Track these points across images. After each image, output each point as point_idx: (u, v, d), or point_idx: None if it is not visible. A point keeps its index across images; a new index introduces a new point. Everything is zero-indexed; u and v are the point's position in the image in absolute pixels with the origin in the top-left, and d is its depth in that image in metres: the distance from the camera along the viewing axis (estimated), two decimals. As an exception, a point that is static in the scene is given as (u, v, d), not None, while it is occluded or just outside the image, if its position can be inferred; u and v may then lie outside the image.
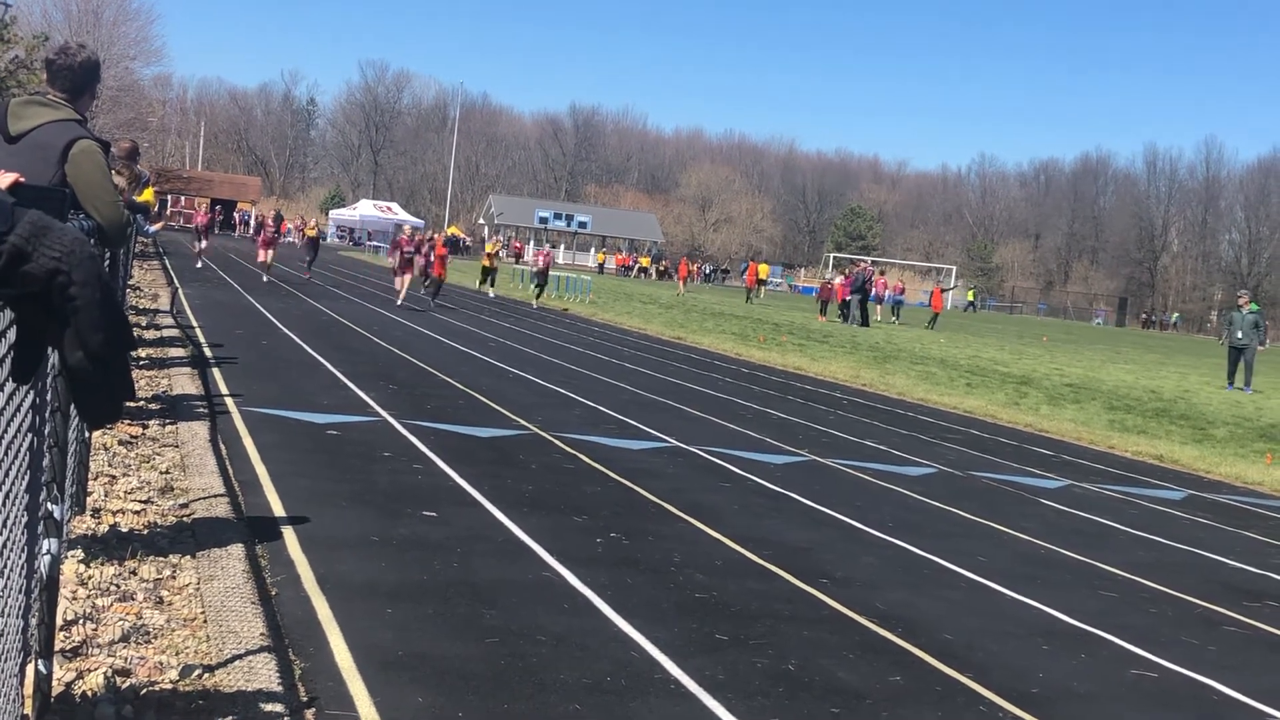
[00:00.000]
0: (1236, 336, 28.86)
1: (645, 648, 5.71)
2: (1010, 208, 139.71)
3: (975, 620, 6.95)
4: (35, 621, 4.00)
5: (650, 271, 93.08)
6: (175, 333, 16.79)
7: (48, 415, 3.97)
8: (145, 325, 17.00)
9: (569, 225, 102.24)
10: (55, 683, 4.29)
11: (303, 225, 51.39)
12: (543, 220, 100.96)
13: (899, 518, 9.72)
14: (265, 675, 4.76)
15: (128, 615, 5.28)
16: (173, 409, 10.56)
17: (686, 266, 70.58)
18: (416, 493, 8.52)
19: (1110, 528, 10.54)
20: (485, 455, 10.32)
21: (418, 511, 7.93)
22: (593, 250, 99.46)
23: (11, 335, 2.94)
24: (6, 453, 3.16)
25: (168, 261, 35.98)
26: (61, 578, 4.66)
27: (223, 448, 9.21)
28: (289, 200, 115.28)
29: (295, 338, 18.44)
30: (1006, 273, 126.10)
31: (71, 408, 4.39)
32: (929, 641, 6.36)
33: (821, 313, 47.73)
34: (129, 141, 10.87)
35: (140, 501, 7.24)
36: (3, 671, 3.43)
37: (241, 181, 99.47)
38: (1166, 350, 54.35)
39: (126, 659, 4.80)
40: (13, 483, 3.35)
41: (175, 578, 5.93)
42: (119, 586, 5.65)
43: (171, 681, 4.62)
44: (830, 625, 6.49)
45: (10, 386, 3.08)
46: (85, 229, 4.52)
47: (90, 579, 5.68)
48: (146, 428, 9.55)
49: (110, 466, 8.01)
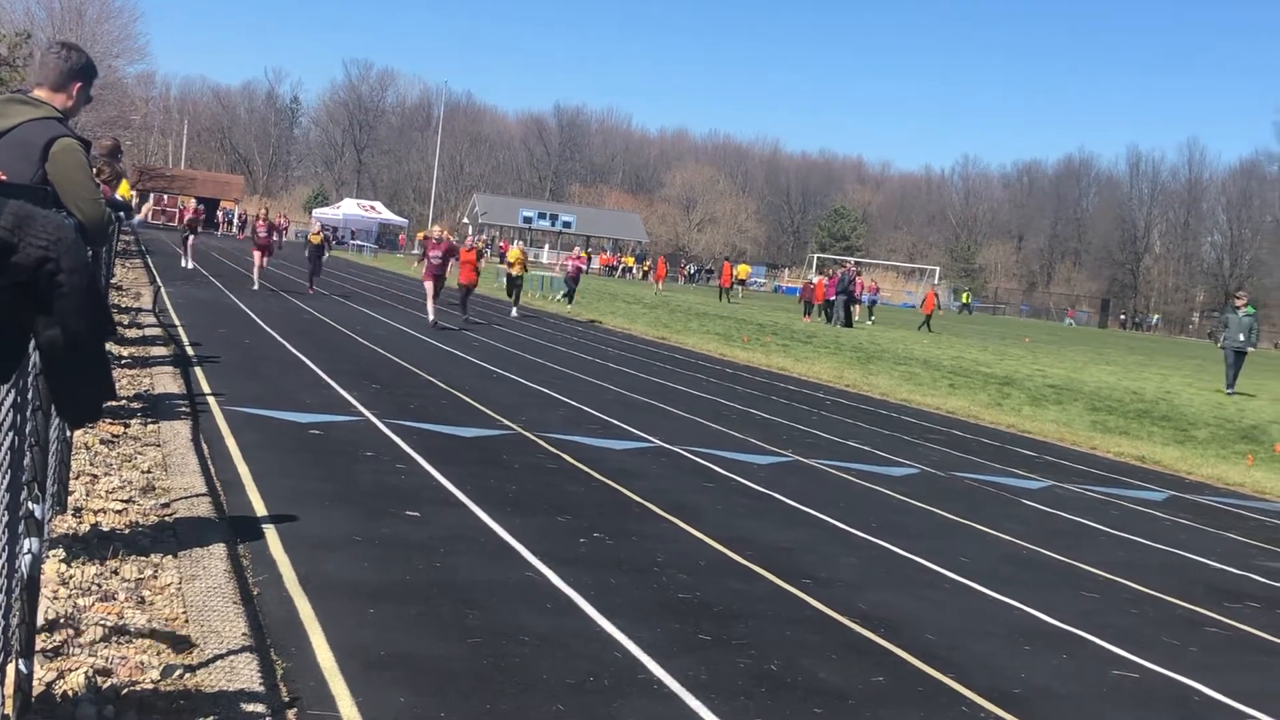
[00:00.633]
0: (1238, 339, 27.66)
1: (628, 648, 5.71)
2: (993, 209, 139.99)
3: (957, 620, 6.97)
4: (16, 621, 3.98)
5: (634, 271, 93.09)
6: (158, 331, 16.74)
7: (29, 414, 3.96)
8: (128, 324, 16.95)
9: (553, 225, 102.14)
10: (36, 682, 4.28)
11: (284, 224, 48.91)
12: (527, 220, 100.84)
13: (882, 518, 9.74)
14: (247, 675, 4.75)
15: (109, 615, 5.27)
16: (155, 408, 10.53)
17: (664, 266, 70.89)
18: (399, 493, 8.50)
19: (1092, 528, 10.57)
20: (469, 455, 10.31)
21: (401, 511, 7.92)
22: (576, 250, 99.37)
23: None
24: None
25: (150, 260, 35.86)
26: (42, 577, 4.65)
27: (205, 447, 9.19)
28: (272, 199, 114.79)
29: (277, 336, 18.39)
30: (990, 274, 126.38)
31: (53, 407, 4.37)
32: (911, 642, 6.38)
33: (806, 314, 47.76)
34: (111, 139, 10.84)
35: (122, 501, 7.22)
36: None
37: (225, 180, 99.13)
38: (1148, 352, 54.52)
39: (108, 659, 4.78)
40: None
41: (157, 577, 5.91)
42: (100, 586, 5.63)
43: (153, 681, 4.61)
44: (813, 625, 6.49)
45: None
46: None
47: (71, 579, 5.66)
48: (128, 427, 9.52)
49: (92, 466, 7.98)
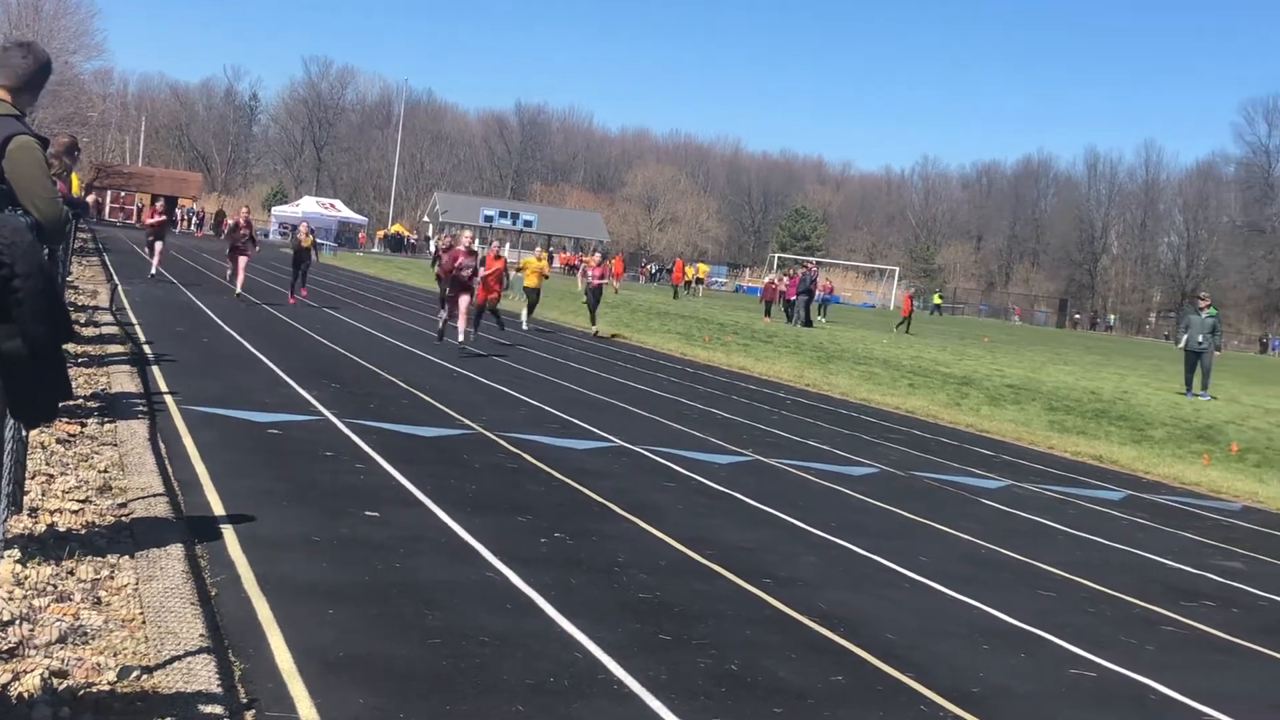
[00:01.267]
0: (1197, 341, 27.30)
1: (589, 648, 5.70)
2: (953, 209, 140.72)
3: (917, 620, 7.00)
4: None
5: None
6: (114, 330, 16.59)
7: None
8: (84, 322, 16.80)
9: (514, 224, 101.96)
10: (-10, 685, 4.23)
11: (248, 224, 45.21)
12: (488, 218, 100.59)
13: (842, 517, 9.78)
14: (205, 677, 4.71)
15: (65, 616, 5.22)
16: (111, 407, 10.43)
17: (621, 264, 71.12)
18: (359, 492, 8.47)
19: (1050, 528, 10.65)
20: (429, 455, 10.28)
21: (360, 511, 7.89)
22: (537, 248, 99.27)
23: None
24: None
25: (107, 258, 35.57)
26: (-3, 578, 4.60)
27: (162, 446, 9.12)
28: (231, 196, 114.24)
29: (236, 335, 18.28)
30: (949, 274, 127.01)
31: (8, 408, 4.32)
32: (871, 641, 6.40)
33: (766, 314, 47.89)
34: (68, 136, 10.76)
35: (78, 501, 7.15)
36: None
37: (182, 177, 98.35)
38: (1105, 351, 54.94)
39: (64, 660, 4.74)
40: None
41: (113, 578, 5.86)
42: (56, 587, 5.58)
43: (109, 683, 4.57)
44: (773, 625, 6.51)
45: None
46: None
47: (27, 579, 5.60)
48: (85, 426, 9.43)
49: (48, 465, 7.90)
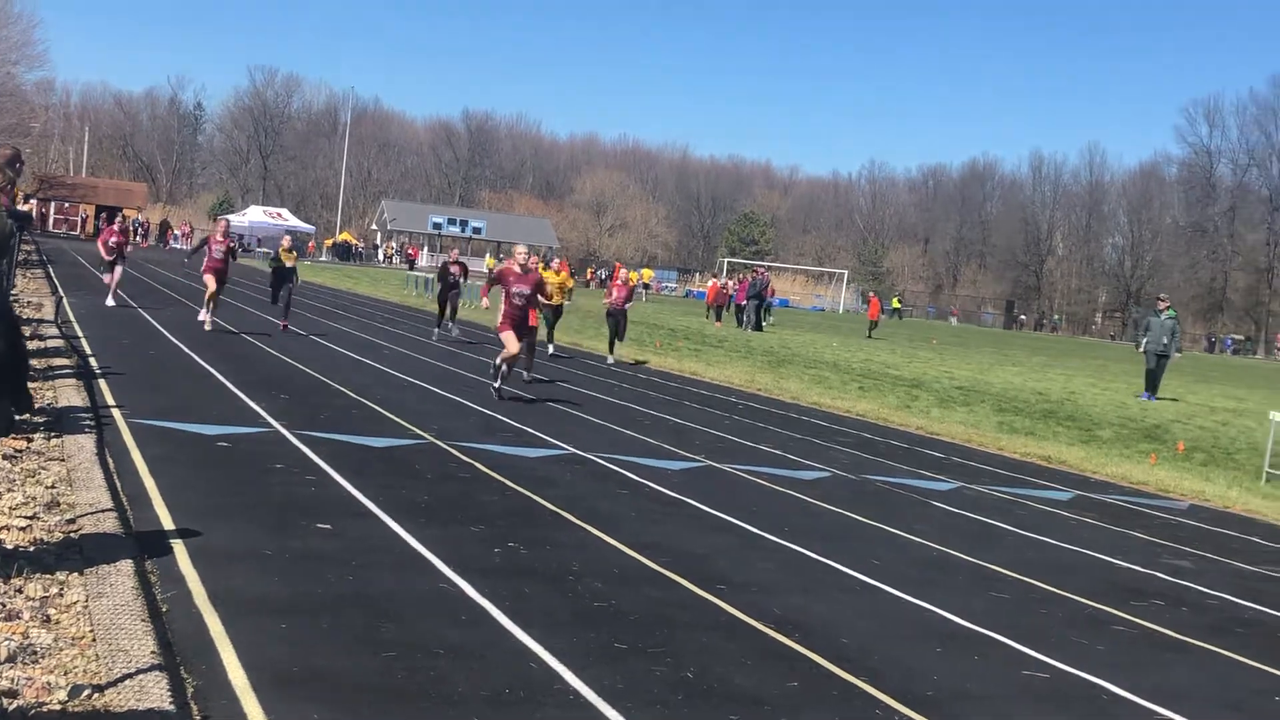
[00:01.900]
0: (1161, 343, 26.75)
1: (544, 658, 5.70)
2: (900, 212, 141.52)
3: (870, 623, 7.04)
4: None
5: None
6: (60, 343, 16.41)
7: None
8: (29, 335, 16.60)
9: (463, 231, 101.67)
10: (-62, 707, 4.18)
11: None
12: (436, 226, 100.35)
13: (794, 522, 9.81)
14: (157, 694, 4.67)
15: (14, 635, 5.16)
16: (58, 421, 10.32)
17: (566, 268, 71.30)
18: (310, 505, 8.42)
19: (1000, 529, 10.73)
20: (380, 466, 10.23)
21: (311, 524, 7.84)
22: (486, 255, 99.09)
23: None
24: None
25: (52, 270, 35.17)
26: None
27: (110, 461, 9.03)
28: (176, 206, 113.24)
29: (183, 347, 18.12)
30: (897, 277, 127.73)
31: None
32: (825, 646, 6.43)
33: (717, 318, 48.00)
34: (10, 148, 10.63)
35: (26, 517, 7.07)
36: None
37: (127, 188, 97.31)
38: (1052, 352, 55.41)
39: (13, 680, 4.68)
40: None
41: (63, 595, 5.80)
42: (4, 605, 5.52)
43: (60, 702, 4.52)
44: (728, 631, 6.53)
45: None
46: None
47: (-27, 599, 5.53)
48: (31, 441, 9.33)
49: (-7, 482, 7.81)
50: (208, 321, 21.38)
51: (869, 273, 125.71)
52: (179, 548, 6.87)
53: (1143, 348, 27.32)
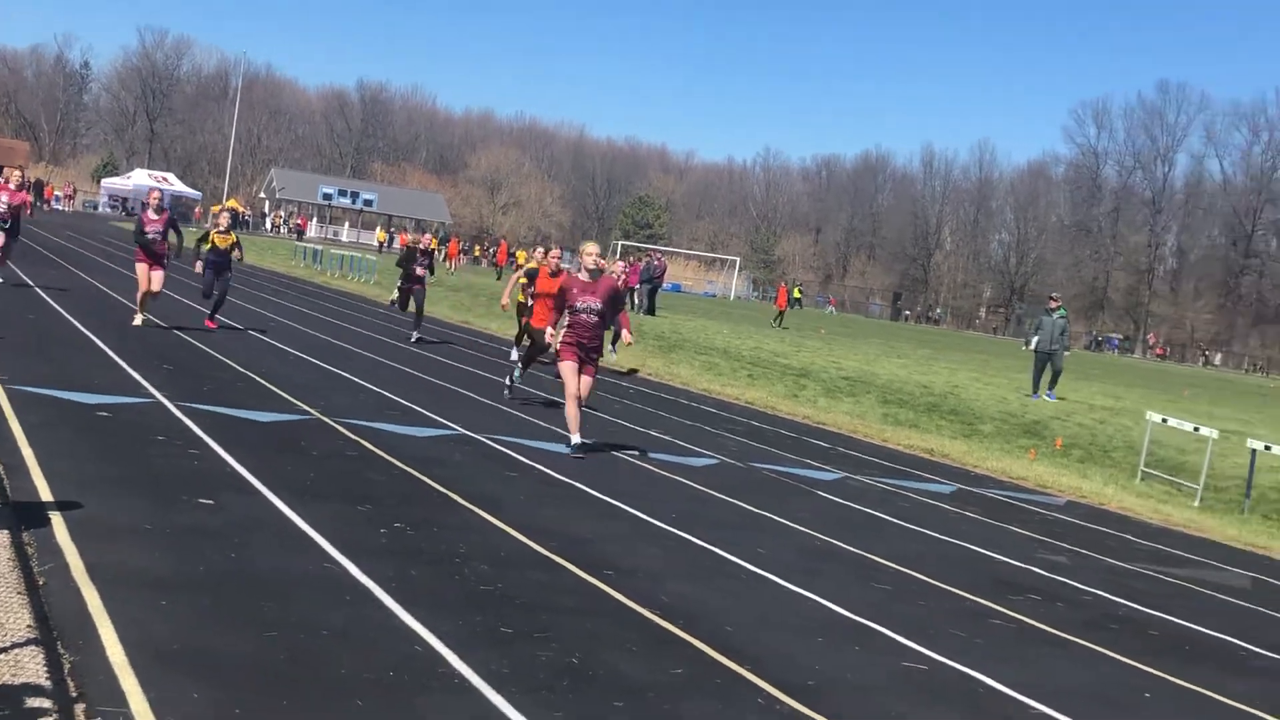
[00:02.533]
0: (1049, 342, 26.72)
1: (429, 641, 5.66)
2: (793, 201, 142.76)
3: (755, 612, 7.09)
4: None
5: (437, 252, 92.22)
6: (-67, 304, 15.96)
7: None
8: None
9: (354, 203, 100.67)
10: None
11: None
12: (326, 197, 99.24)
13: (682, 509, 9.85)
14: (32, 669, 4.56)
15: (-121, 608, 5.01)
16: (-70, 386, 10.03)
17: (457, 246, 71.33)
18: (192, 479, 8.26)
19: (883, 520, 10.87)
20: (265, 441, 10.08)
21: (193, 499, 7.70)
22: (377, 229, 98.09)
23: None
24: None
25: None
26: None
27: (-15, 428, 8.79)
28: (59, 166, 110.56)
29: (65, 314, 17.70)
30: (788, 265, 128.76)
31: None
32: (710, 634, 6.46)
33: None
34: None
35: (-106, 485, 6.87)
36: None
37: (9, 145, 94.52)
38: (937, 346, 56.23)
39: (-122, 655, 4.55)
40: None
41: (-68, 567, 5.64)
42: None
43: (-73, 679, 4.40)
44: (614, 618, 6.53)
45: None
46: None
47: None
48: (-99, 406, 9.06)
49: None
50: (139, 319, 17.38)
51: (760, 260, 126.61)
52: (57, 519, 6.71)
53: (1033, 346, 27.55)
